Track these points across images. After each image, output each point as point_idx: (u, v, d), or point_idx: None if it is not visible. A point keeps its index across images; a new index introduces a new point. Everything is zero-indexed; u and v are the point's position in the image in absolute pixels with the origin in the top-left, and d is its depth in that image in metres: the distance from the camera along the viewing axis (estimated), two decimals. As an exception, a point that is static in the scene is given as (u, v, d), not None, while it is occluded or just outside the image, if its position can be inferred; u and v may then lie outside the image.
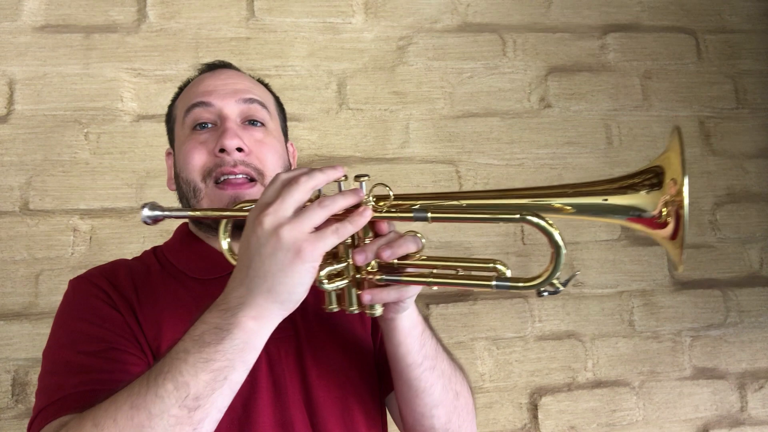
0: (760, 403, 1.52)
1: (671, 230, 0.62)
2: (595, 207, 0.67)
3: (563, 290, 0.69)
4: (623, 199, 0.66)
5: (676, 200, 0.61)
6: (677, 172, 0.61)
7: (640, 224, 0.66)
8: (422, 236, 0.72)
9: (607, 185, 0.67)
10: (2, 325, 1.30)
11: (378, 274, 0.72)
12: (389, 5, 1.57)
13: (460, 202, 0.71)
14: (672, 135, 0.65)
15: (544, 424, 1.44)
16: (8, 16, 1.42)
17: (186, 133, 0.93)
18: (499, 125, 1.56)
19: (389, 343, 0.81)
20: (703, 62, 1.67)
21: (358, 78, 1.52)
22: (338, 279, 0.72)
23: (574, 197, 0.68)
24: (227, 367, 0.64)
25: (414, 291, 0.74)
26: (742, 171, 1.63)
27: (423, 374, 0.81)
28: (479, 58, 1.58)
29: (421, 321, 0.82)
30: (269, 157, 0.91)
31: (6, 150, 1.37)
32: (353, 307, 0.74)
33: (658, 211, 0.63)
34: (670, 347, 1.52)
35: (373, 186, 0.72)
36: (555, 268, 0.64)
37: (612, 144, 1.59)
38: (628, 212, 0.65)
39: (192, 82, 0.99)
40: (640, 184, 0.65)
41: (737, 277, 1.58)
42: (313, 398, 0.83)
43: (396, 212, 0.69)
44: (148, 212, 0.78)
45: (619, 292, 1.52)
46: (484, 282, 0.68)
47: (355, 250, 0.71)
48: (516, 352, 1.46)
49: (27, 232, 1.34)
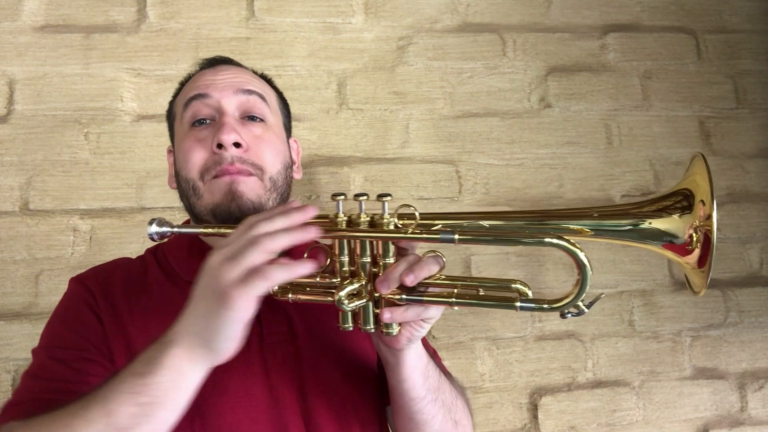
0: (760, 403, 1.52)
1: (697, 257, 0.62)
2: (625, 232, 0.66)
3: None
4: (659, 223, 0.65)
5: (704, 226, 0.60)
6: (706, 195, 0.61)
7: (673, 251, 0.65)
8: (443, 255, 0.71)
9: (636, 209, 0.67)
10: (2, 325, 1.30)
11: (398, 293, 0.70)
12: (389, 5, 1.57)
13: (483, 224, 0.70)
14: (695, 161, 0.65)
15: (544, 424, 1.44)
16: (8, 16, 1.42)
17: (185, 130, 0.92)
18: (499, 125, 1.56)
19: (393, 378, 0.79)
20: (703, 62, 1.67)
21: (358, 78, 1.52)
22: (357, 299, 0.70)
23: (600, 220, 0.67)
24: (154, 403, 0.61)
25: (434, 312, 0.71)
26: (742, 171, 1.63)
27: (425, 407, 0.81)
28: (479, 58, 1.58)
29: (425, 353, 0.81)
30: (268, 153, 0.90)
31: (6, 150, 1.37)
32: (369, 326, 0.72)
33: (688, 238, 0.62)
34: (670, 347, 1.52)
35: (399, 206, 0.71)
36: (581, 290, 0.64)
37: (612, 144, 1.59)
38: (662, 237, 0.65)
39: (192, 78, 0.98)
40: (672, 207, 0.65)
41: (737, 277, 1.58)
42: (310, 405, 0.81)
43: (422, 233, 0.68)
44: (156, 228, 0.77)
45: (619, 292, 1.52)
46: (508, 303, 0.67)
47: (379, 280, 0.69)
48: (516, 352, 1.46)
49: (27, 232, 1.34)
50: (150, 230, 0.77)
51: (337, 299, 0.68)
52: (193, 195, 0.89)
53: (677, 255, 0.65)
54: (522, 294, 0.68)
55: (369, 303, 0.71)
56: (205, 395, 0.76)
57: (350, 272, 0.72)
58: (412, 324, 0.72)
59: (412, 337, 0.73)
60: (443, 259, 0.71)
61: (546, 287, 1.50)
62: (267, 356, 0.81)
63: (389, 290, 0.69)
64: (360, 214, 0.71)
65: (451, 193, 1.50)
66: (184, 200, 0.93)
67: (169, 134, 1.02)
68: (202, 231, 0.78)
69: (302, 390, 0.82)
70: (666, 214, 0.65)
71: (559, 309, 0.66)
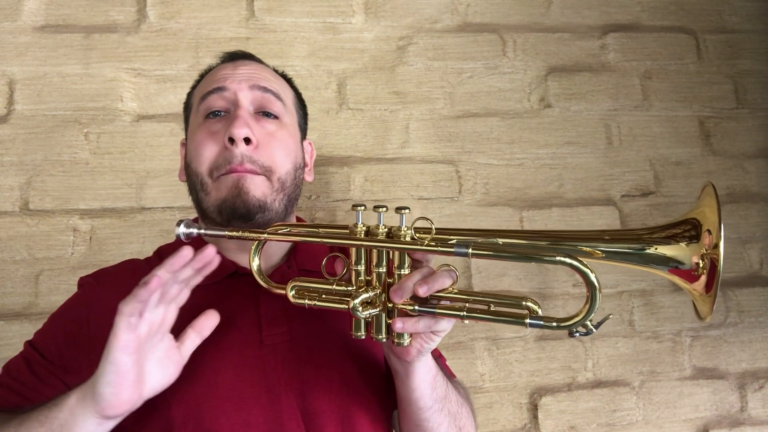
0: (760, 403, 1.52)
1: (704, 283, 0.64)
2: (636, 255, 0.69)
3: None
4: (667, 249, 0.67)
5: (710, 254, 0.63)
6: (713, 226, 0.63)
7: (679, 277, 0.68)
8: (456, 269, 0.73)
9: (648, 233, 0.69)
10: (2, 325, 1.30)
11: (411, 304, 0.72)
12: (389, 5, 1.57)
13: (497, 240, 0.72)
14: (706, 191, 0.67)
15: (544, 424, 1.44)
16: (8, 16, 1.42)
17: (199, 122, 0.91)
18: (499, 125, 1.56)
19: (402, 388, 0.80)
20: (703, 62, 1.67)
21: (358, 78, 1.52)
22: (370, 307, 0.72)
23: (611, 243, 0.70)
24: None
25: (445, 325, 0.73)
26: (742, 171, 1.63)
27: (432, 416, 0.82)
28: (479, 58, 1.58)
29: (435, 365, 0.82)
30: (278, 153, 0.89)
31: (6, 150, 1.37)
32: (381, 335, 0.74)
33: (694, 264, 0.65)
34: (670, 347, 1.52)
35: (416, 219, 0.73)
36: (590, 309, 0.66)
37: (612, 144, 1.59)
38: (668, 263, 0.67)
39: (211, 71, 0.97)
40: (680, 235, 0.67)
41: (737, 277, 1.58)
42: (311, 407, 0.80)
43: (437, 246, 0.70)
44: (183, 229, 0.80)
45: (619, 292, 1.52)
46: (517, 319, 0.69)
47: (393, 290, 0.71)
48: (516, 352, 1.46)
49: (27, 232, 1.34)
50: (177, 231, 0.80)
51: (352, 306, 0.70)
52: (201, 190, 0.89)
53: (684, 281, 0.68)
54: (532, 311, 0.70)
55: (382, 312, 0.73)
56: (199, 398, 0.75)
57: (366, 281, 0.74)
58: (423, 336, 0.74)
59: (422, 349, 0.75)
60: (456, 273, 0.72)
61: (547, 287, 1.50)
62: (266, 358, 0.81)
63: (402, 300, 0.70)
64: (378, 225, 0.73)
65: (451, 193, 1.50)
66: (193, 194, 0.92)
67: (185, 126, 1.01)
68: (227, 234, 0.80)
69: (303, 392, 0.81)
70: (674, 241, 0.67)
71: (568, 328, 0.67)
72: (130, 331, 0.65)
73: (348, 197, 1.46)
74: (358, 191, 1.47)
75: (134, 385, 0.66)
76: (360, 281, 0.74)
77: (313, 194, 1.45)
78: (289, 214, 0.94)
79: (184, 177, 0.97)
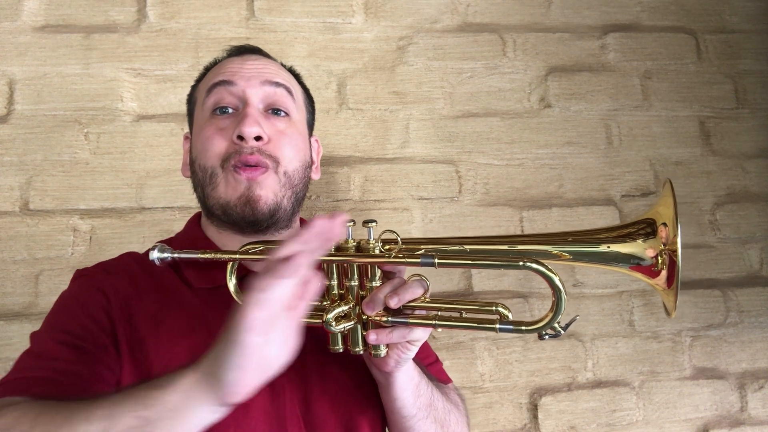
0: (760, 403, 1.52)
1: (665, 278, 0.67)
2: (595, 255, 0.72)
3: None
4: (623, 247, 0.70)
5: (669, 249, 0.65)
6: (670, 219, 0.66)
7: (641, 273, 0.70)
8: (427, 279, 0.74)
9: (606, 234, 0.72)
10: (2, 325, 1.30)
11: (384, 315, 0.73)
12: (389, 5, 1.57)
13: (463, 247, 0.74)
14: (665, 187, 0.70)
15: (544, 424, 1.44)
16: (8, 16, 1.42)
17: (206, 117, 0.89)
18: (499, 125, 1.56)
19: (385, 397, 0.81)
20: (703, 62, 1.67)
21: (358, 78, 1.52)
22: (345, 321, 0.73)
23: (573, 245, 0.72)
24: (153, 420, 0.58)
25: (420, 334, 0.73)
26: (742, 171, 1.63)
27: (416, 424, 0.82)
28: (479, 58, 1.58)
29: (418, 373, 0.82)
30: (287, 149, 0.88)
31: (6, 150, 1.37)
32: (358, 347, 0.75)
33: (654, 260, 0.68)
34: (670, 347, 1.52)
35: (382, 232, 0.74)
36: (556, 312, 0.67)
37: (612, 144, 1.59)
38: (629, 260, 0.70)
39: (217, 64, 0.95)
40: (636, 233, 0.70)
41: (737, 277, 1.58)
42: (314, 414, 0.80)
43: (404, 257, 0.71)
44: (158, 254, 0.82)
45: (619, 292, 1.52)
46: (488, 325, 0.70)
47: (365, 302, 0.72)
48: (516, 352, 1.46)
49: (27, 232, 1.34)
50: (152, 256, 0.82)
51: (326, 321, 0.71)
52: (209, 184, 0.87)
53: (647, 276, 0.70)
54: (503, 316, 0.71)
55: (357, 325, 0.74)
56: None
57: (339, 295, 0.75)
58: (399, 346, 0.74)
59: (400, 359, 0.75)
60: (427, 282, 0.73)
61: (547, 287, 1.50)
62: None
63: (374, 312, 0.72)
64: (348, 240, 0.74)
65: (451, 193, 1.50)
66: (198, 190, 0.91)
67: (188, 120, 0.99)
68: (200, 256, 0.82)
69: (306, 400, 0.81)
70: (630, 239, 0.70)
71: (537, 331, 0.68)
72: (261, 309, 0.57)
73: (348, 197, 1.46)
74: (358, 191, 1.47)
75: (260, 368, 0.59)
76: (333, 295, 0.76)
77: (313, 194, 1.45)
78: (295, 214, 0.93)
79: (188, 172, 0.95)
